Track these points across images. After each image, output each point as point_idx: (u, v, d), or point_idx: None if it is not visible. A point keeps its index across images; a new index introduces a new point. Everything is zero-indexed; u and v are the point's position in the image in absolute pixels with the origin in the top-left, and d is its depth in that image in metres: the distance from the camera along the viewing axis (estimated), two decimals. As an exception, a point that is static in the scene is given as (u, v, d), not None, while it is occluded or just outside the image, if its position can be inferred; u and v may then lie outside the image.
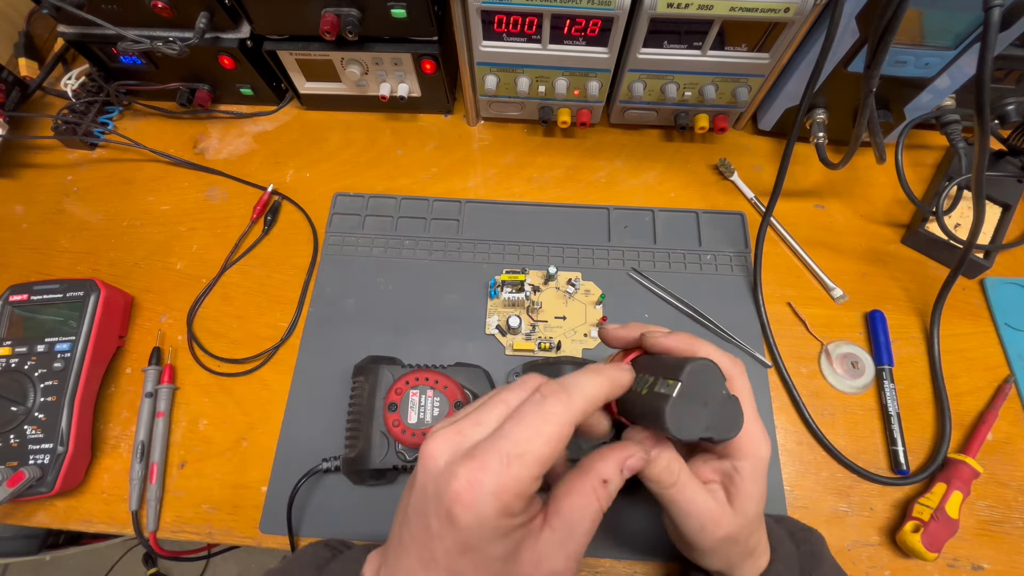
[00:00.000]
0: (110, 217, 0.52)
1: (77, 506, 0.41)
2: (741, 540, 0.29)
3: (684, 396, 0.25)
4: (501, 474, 0.21)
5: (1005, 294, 0.46)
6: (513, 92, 0.49)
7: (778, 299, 0.47)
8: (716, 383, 0.26)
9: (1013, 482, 0.41)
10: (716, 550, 0.29)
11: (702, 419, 0.26)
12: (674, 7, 0.40)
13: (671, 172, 0.53)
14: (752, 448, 0.29)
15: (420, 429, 0.34)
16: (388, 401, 0.34)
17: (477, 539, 0.22)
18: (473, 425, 0.24)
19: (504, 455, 0.22)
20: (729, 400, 0.27)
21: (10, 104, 0.54)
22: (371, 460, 0.37)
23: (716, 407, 0.26)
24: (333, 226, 0.50)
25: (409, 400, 0.34)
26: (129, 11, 0.47)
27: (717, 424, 0.26)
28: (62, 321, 0.43)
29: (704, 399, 0.26)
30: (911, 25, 0.39)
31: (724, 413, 0.26)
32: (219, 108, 0.57)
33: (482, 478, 0.21)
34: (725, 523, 0.28)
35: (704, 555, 0.30)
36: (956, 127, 0.46)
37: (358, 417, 0.39)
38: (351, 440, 0.39)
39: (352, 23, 0.45)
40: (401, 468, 0.38)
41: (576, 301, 0.46)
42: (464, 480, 0.21)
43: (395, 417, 0.34)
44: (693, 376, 0.26)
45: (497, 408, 0.24)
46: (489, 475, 0.21)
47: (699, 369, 0.26)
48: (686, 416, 0.25)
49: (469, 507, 0.21)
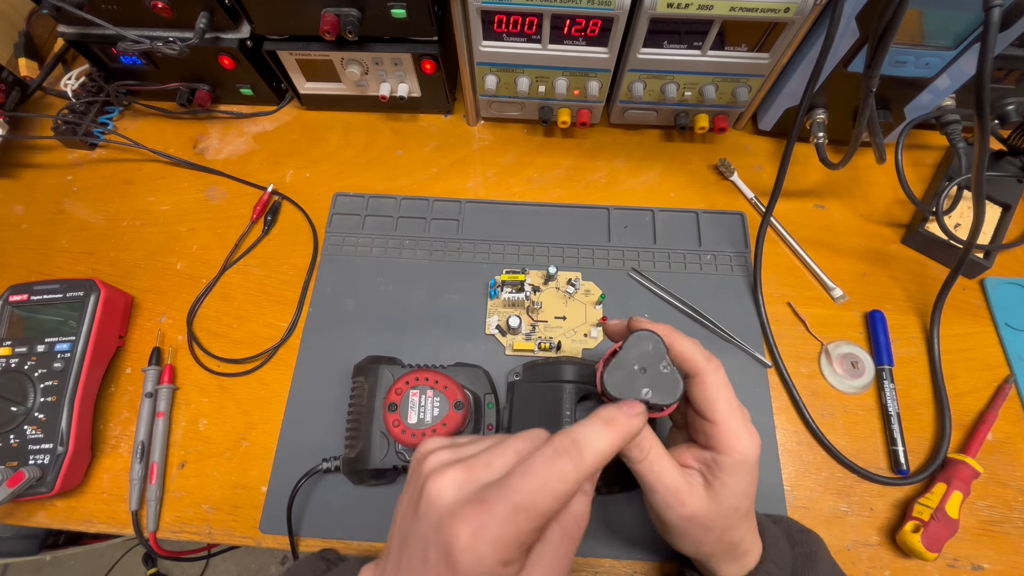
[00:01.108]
0: (110, 217, 0.52)
1: (77, 506, 0.41)
2: (715, 529, 0.29)
3: (624, 361, 0.29)
4: (506, 524, 0.22)
5: (1005, 294, 0.46)
6: (513, 92, 0.49)
7: (778, 299, 0.47)
8: (658, 354, 0.29)
9: (1013, 482, 0.41)
10: (684, 531, 0.29)
11: (639, 383, 0.28)
12: (674, 7, 0.40)
13: (671, 172, 0.53)
14: (733, 443, 0.29)
15: (420, 429, 0.34)
16: (388, 401, 0.34)
17: None
18: (484, 467, 0.24)
19: (512, 505, 0.22)
20: (670, 372, 0.29)
21: (10, 104, 0.54)
22: (371, 460, 0.37)
23: (655, 375, 0.29)
24: (333, 226, 0.50)
25: (409, 400, 0.34)
26: (129, 11, 0.47)
27: (654, 390, 0.28)
28: (62, 321, 0.43)
29: (644, 366, 0.29)
30: (911, 25, 0.39)
31: (662, 381, 0.29)
32: (219, 108, 0.57)
33: (488, 524, 0.22)
34: (691, 504, 0.29)
35: (673, 535, 0.30)
36: (956, 127, 0.46)
37: (358, 417, 0.39)
38: (351, 440, 0.39)
39: (352, 23, 0.45)
40: (401, 468, 0.38)
41: (576, 301, 0.46)
42: (470, 524, 0.22)
43: (395, 417, 0.34)
44: (634, 343, 0.29)
45: (507, 455, 0.25)
46: (495, 522, 0.22)
47: (641, 338, 0.29)
48: (623, 379, 0.28)
49: (470, 550, 0.21)
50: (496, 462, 0.24)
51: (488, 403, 0.40)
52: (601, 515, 0.39)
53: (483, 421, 0.40)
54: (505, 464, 0.24)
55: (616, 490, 0.39)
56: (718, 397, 0.29)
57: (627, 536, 0.39)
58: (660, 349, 0.29)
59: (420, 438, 0.33)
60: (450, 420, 0.34)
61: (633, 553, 0.38)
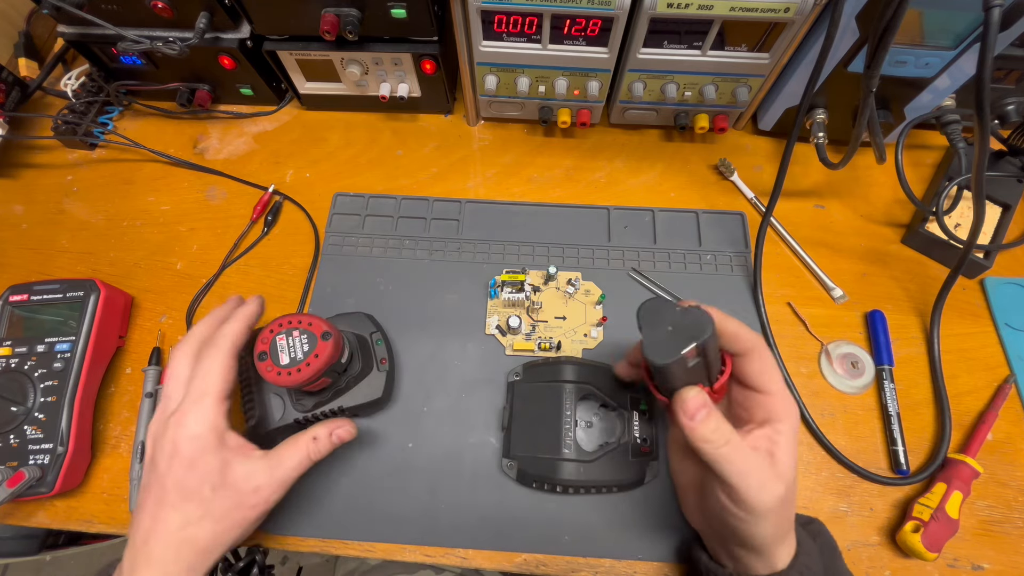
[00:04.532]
0: (110, 217, 0.52)
1: (77, 506, 0.41)
2: (789, 504, 0.30)
3: (650, 330, 0.29)
4: (198, 408, 0.32)
5: (1005, 294, 0.46)
6: (513, 92, 0.49)
7: (778, 299, 0.47)
8: (668, 308, 0.30)
9: (1013, 482, 0.41)
10: (774, 512, 0.29)
11: (675, 338, 0.28)
12: (674, 7, 0.40)
13: (671, 172, 0.53)
14: (790, 409, 0.30)
15: (294, 367, 0.34)
16: (257, 352, 0.34)
17: (198, 452, 0.31)
18: (166, 401, 0.34)
19: (193, 402, 0.33)
20: (686, 311, 0.29)
21: (10, 104, 0.54)
22: (271, 421, 0.38)
23: (679, 322, 0.29)
24: (333, 226, 0.50)
25: (277, 345, 0.34)
26: (129, 11, 0.47)
27: (689, 335, 0.28)
28: (62, 321, 0.43)
29: (666, 323, 0.29)
30: (911, 25, 0.39)
31: (687, 322, 0.29)
32: (219, 108, 0.57)
33: (186, 415, 0.32)
34: (783, 480, 0.29)
35: (759, 520, 0.29)
36: (956, 127, 0.46)
37: (248, 387, 0.40)
38: (248, 410, 0.40)
39: (352, 23, 0.45)
40: (304, 421, 0.39)
41: (576, 301, 0.46)
42: (175, 424, 0.32)
43: (267, 364, 0.34)
44: (646, 313, 0.30)
45: (174, 383, 0.34)
46: (190, 414, 0.32)
47: (648, 306, 0.30)
48: (660, 343, 0.28)
49: (184, 434, 0.32)
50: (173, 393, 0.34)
51: (376, 340, 0.42)
52: (601, 515, 0.39)
53: (375, 357, 0.41)
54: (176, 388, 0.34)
55: (616, 490, 0.39)
56: (773, 368, 0.31)
57: (627, 536, 0.39)
58: (669, 304, 0.30)
59: (297, 375, 0.34)
60: (321, 350, 0.34)
61: (633, 553, 0.38)
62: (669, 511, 0.39)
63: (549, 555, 0.39)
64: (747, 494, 0.28)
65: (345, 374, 0.39)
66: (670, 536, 0.39)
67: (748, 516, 0.29)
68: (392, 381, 0.42)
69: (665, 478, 0.40)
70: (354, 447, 0.41)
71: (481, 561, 0.39)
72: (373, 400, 0.40)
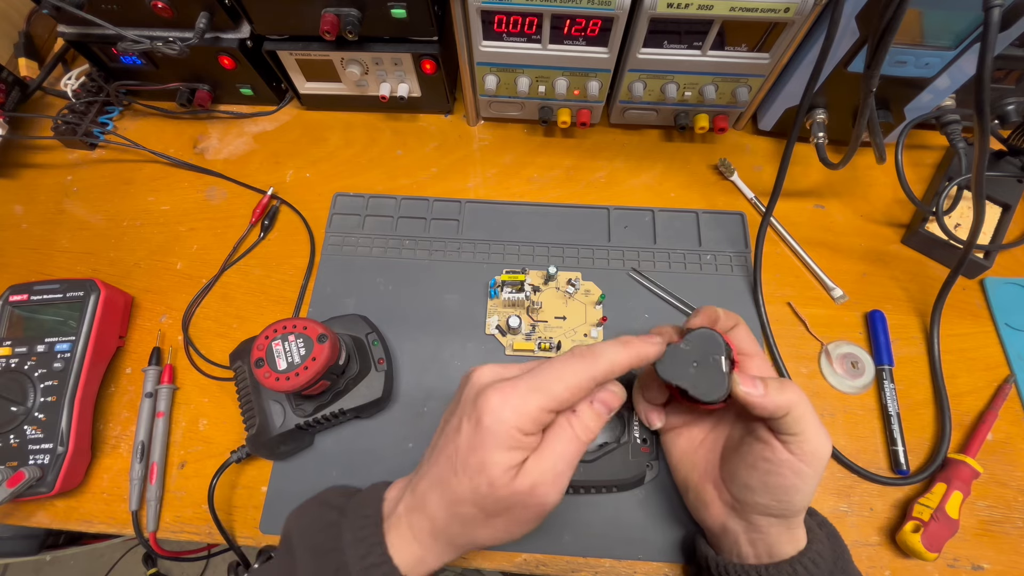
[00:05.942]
0: (110, 217, 0.52)
1: (77, 506, 0.41)
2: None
3: (682, 352, 0.31)
4: (526, 398, 0.28)
5: (1005, 294, 0.46)
6: (513, 92, 0.49)
7: (778, 299, 0.47)
8: (715, 352, 0.31)
9: (1013, 482, 0.41)
10: (824, 467, 0.30)
11: (708, 369, 0.30)
12: (674, 7, 0.40)
13: (671, 172, 0.53)
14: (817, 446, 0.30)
15: (292, 371, 0.34)
16: (254, 359, 0.34)
17: (492, 442, 0.27)
18: (515, 368, 0.31)
19: (532, 385, 0.28)
20: (718, 370, 0.30)
21: (10, 104, 0.54)
22: (272, 429, 0.38)
23: (704, 370, 0.30)
24: (333, 226, 0.50)
25: (273, 351, 0.34)
26: (129, 11, 0.47)
27: (698, 384, 0.30)
28: (62, 321, 0.43)
29: (697, 361, 0.30)
30: (911, 25, 0.39)
31: (708, 377, 0.30)
32: (219, 108, 0.57)
33: (511, 395, 0.28)
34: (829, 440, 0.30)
35: (815, 473, 0.30)
36: (956, 127, 0.46)
37: (247, 395, 0.40)
38: (248, 419, 0.39)
39: (352, 23, 0.45)
40: (305, 426, 0.39)
41: (576, 301, 0.46)
42: (499, 393, 0.28)
43: (264, 370, 0.34)
44: (695, 339, 0.31)
45: (535, 363, 0.30)
46: (517, 395, 0.28)
47: (664, 364, 0.31)
48: (675, 366, 0.30)
49: (494, 412, 0.27)
50: (526, 366, 0.30)
51: (373, 341, 0.42)
52: (601, 515, 0.39)
53: (372, 358, 0.41)
54: (532, 366, 0.30)
55: (616, 489, 0.39)
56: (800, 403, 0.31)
57: (627, 536, 0.39)
58: (719, 350, 0.31)
59: (295, 379, 0.34)
60: (318, 353, 0.34)
61: (633, 553, 0.38)
62: (669, 511, 0.39)
63: (549, 555, 0.39)
64: (812, 442, 0.29)
65: (343, 376, 0.39)
66: (670, 536, 0.39)
67: (806, 468, 0.30)
68: (391, 380, 0.42)
69: (665, 478, 0.40)
70: (354, 447, 0.41)
71: (481, 561, 0.39)
72: (373, 400, 0.40)
